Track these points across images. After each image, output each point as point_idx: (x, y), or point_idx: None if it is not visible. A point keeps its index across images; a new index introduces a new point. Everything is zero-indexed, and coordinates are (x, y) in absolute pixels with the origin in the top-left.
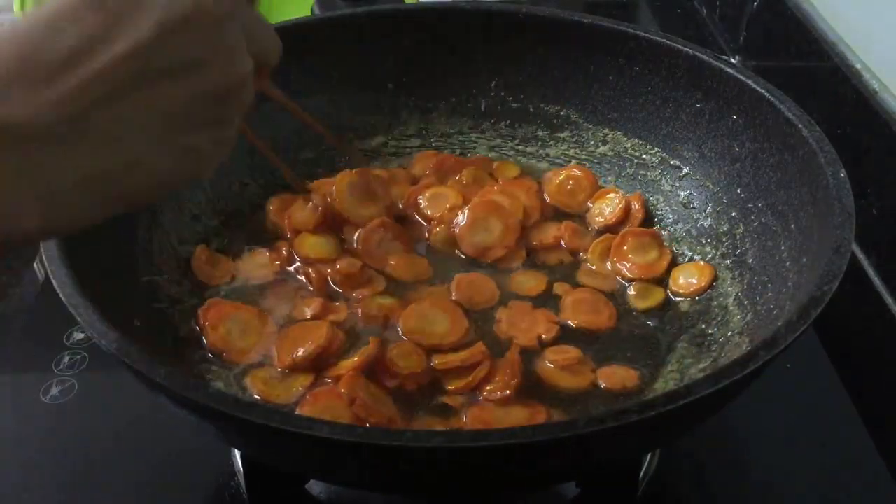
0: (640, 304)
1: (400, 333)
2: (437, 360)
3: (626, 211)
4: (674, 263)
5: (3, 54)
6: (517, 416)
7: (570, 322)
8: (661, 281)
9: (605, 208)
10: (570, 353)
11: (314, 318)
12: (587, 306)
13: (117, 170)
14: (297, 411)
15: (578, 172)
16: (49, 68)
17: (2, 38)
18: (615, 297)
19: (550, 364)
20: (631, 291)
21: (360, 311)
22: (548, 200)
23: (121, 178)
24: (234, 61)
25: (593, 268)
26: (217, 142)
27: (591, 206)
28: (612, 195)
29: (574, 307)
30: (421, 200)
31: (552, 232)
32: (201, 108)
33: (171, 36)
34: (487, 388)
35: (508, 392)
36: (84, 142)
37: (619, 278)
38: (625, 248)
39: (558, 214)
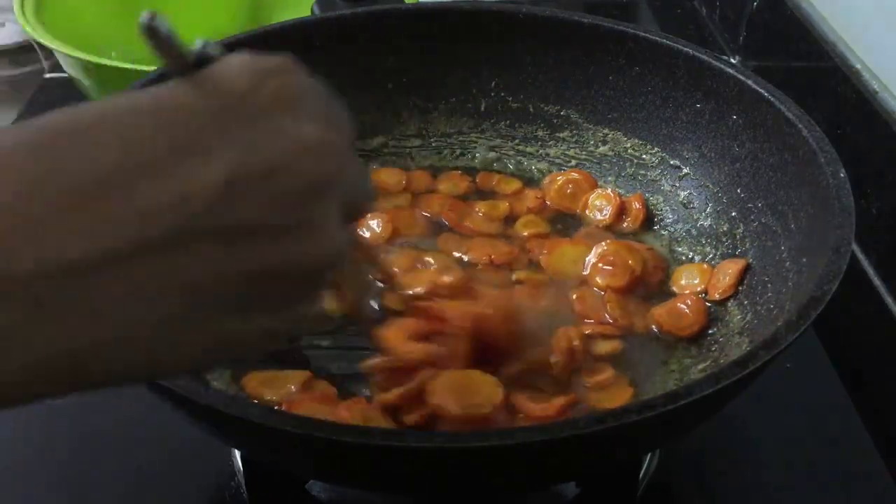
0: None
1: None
2: None
3: (621, 209)
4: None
5: (6, 175)
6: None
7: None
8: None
9: (604, 207)
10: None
11: None
12: None
13: (93, 353)
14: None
15: (577, 175)
16: (58, 200)
17: (17, 153)
18: None
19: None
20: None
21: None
22: (549, 205)
23: (96, 363)
24: (320, 239)
25: None
26: (267, 333)
27: (588, 211)
28: (607, 192)
29: None
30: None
31: None
32: (248, 289)
33: (240, 193)
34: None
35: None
36: (59, 312)
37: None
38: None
39: (560, 216)
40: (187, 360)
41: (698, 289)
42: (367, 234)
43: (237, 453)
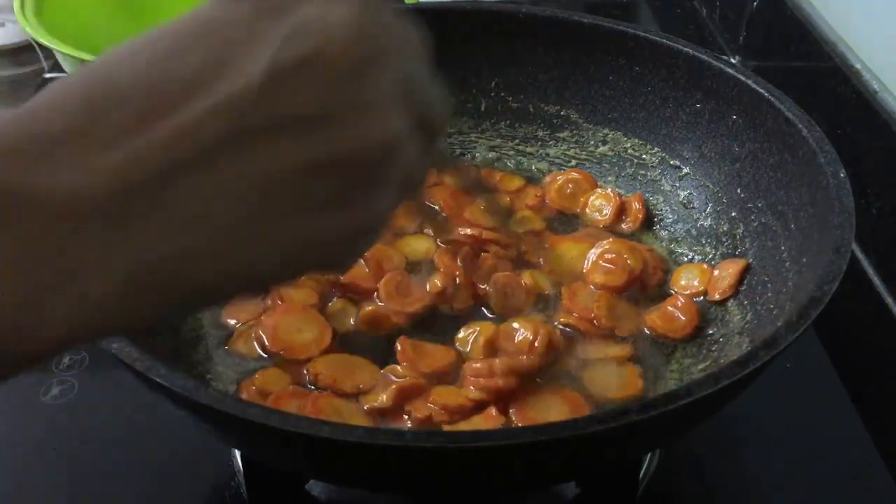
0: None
1: None
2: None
3: (621, 209)
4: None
5: (76, 99)
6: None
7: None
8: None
9: (604, 207)
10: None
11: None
12: None
13: (182, 263)
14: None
15: (577, 175)
16: (112, 124)
17: (76, 83)
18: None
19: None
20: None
21: None
22: (548, 203)
23: (186, 274)
24: (374, 120)
25: None
26: (349, 230)
27: (587, 210)
28: (607, 192)
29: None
30: None
31: None
32: (319, 181)
33: (284, 83)
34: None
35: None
36: (141, 225)
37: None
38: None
39: (558, 217)
40: (278, 266)
41: (698, 289)
42: None
43: (237, 453)
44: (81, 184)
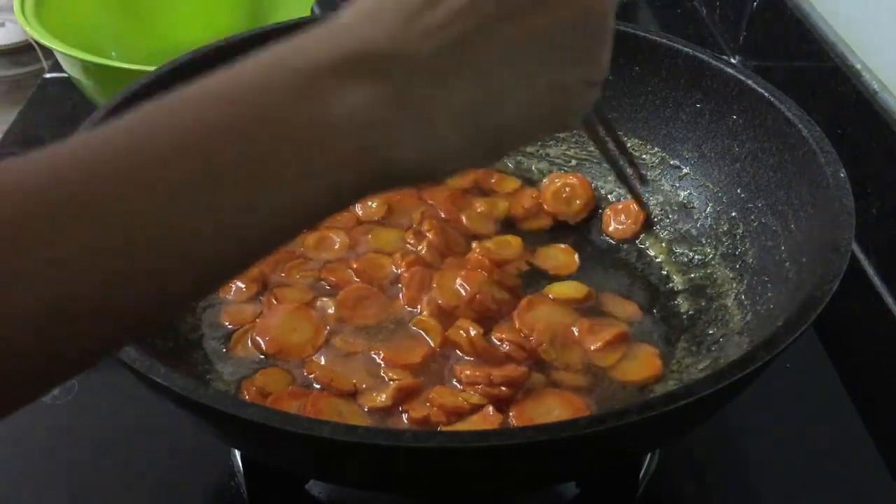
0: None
1: None
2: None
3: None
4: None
5: None
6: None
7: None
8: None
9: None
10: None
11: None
12: None
13: (487, 104)
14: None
15: (574, 180)
16: (418, 3)
17: None
18: None
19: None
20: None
21: None
22: (546, 209)
23: (491, 113)
24: None
25: None
26: (586, 82)
27: (601, 219)
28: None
29: None
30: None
31: None
32: (567, 40)
33: None
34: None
35: None
36: (450, 75)
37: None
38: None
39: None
40: (546, 111)
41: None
42: (360, 211)
43: (237, 453)
44: (407, 46)
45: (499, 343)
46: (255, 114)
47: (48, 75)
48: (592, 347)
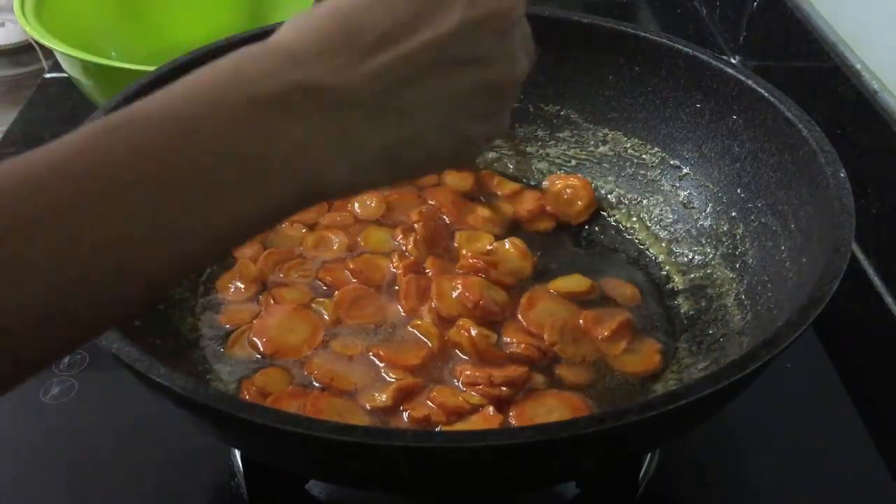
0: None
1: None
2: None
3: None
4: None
5: (328, 28)
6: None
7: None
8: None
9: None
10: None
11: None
12: None
13: (408, 142)
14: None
15: (576, 182)
16: (367, 46)
17: (324, 16)
18: None
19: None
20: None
21: None
22: (548, 210)
23: (406, 152)
24: (516, 61)
25: None
26: (485, 134)
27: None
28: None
29: None
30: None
31: None
32: (480, 100)
33: (470, 31)
34: None
35: None
36: (385, 115)
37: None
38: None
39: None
40: (449, 154)
41: None
42: (359, 210)
43: (237, 453)
44: (353, 83)
45: (512, 344)
46: (203, 143)
47: (48, 75)
48: (601, 337)
